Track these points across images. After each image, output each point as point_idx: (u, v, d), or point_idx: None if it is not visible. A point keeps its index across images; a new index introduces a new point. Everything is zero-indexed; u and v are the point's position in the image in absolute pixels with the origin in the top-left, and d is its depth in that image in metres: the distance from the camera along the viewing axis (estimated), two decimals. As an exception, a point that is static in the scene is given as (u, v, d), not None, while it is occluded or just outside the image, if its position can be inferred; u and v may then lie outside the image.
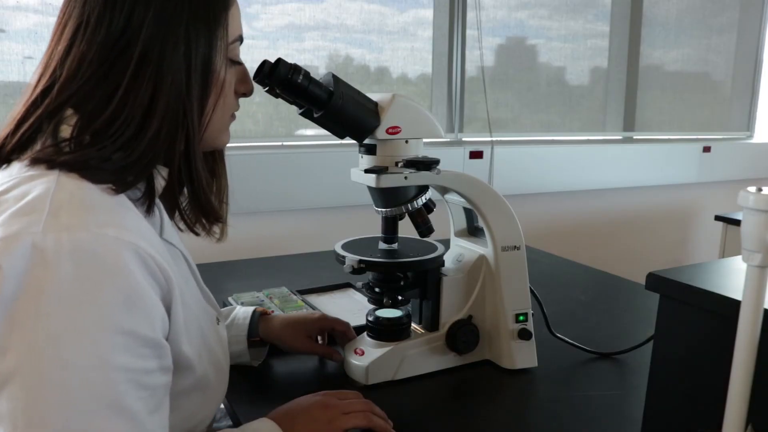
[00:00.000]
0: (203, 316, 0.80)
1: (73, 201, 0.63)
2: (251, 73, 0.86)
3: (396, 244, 1.07)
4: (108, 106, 0.68)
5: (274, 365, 1.10)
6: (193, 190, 0.76)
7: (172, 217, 0.81)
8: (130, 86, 0.68)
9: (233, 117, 0.83)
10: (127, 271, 0.61)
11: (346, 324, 1.12)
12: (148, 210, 0.72)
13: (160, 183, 0.74)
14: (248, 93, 0.83)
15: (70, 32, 0.69)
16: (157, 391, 0.65)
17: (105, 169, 0.67)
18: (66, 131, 0.68)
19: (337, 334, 1.11)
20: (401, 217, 1.05)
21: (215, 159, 0.89)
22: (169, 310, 0.67)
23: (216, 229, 0.87)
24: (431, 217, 1.06)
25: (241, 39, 0.78)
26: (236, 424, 0.93)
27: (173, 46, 0.69)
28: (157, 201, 0.75)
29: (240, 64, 0.80)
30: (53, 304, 0.57)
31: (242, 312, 1.10)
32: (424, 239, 1.12)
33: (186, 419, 0.76)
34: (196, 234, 0.82)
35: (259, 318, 1.09)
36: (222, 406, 1.21)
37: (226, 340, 0.91)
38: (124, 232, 0.62)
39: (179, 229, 0.82)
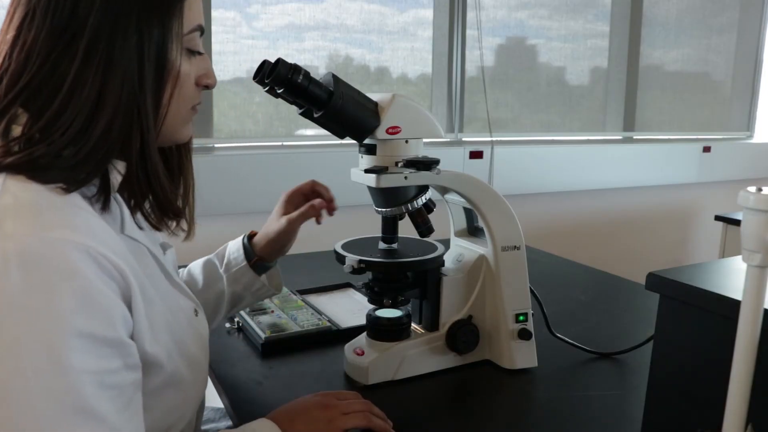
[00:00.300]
0: (174, 311, 0.78)
1: (18, 206, 0.62)
2: (251, 74, 0.85)
3: (396, 244, 1.07)
4: (56, 100, 0.65)
5: (274, 365, 1.10)
6: (150, 185, 0.72)
7: (134, 213, 0.77)
8: (78, 78, 0.65)
9: (195, 110, 0.79)
10: (79, 273, 0.59)
11: (313, 182, 1.08)
12: (104, 207, 0.70)
13: (116, 178, 0.71)
14: (211, 85, 0.79)
15: (17, 21, 0.67)
16: (125, 390, 0.64)
17: (54, 168, 0.65)
18: (17, 130, 0.66)
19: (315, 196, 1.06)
20: (401, 217, 1.05)
21: (180, 154, 0.85)
22: (129, 307, 0.66)
23: (183, 226, 0.85)
24: (431, 217, 1.06)
25: (201, 29, 0.75)
26: (236, 424, 0.93)
27: (123, 35, 0.66)
28: (117, 196, 0.73)
29: (200, 54, 0.77)
30: (5, 314, 0.57)
31: (233, 247, 1.07)
32: (424, 239, 1.12)
33: (162, 417, 0.75)
34: (158, 230, 0.80)
35: (249, 242, 1.07)
36: (222, 405, 1.22)
37: (206, 333, 0.89)
38: (73, 234, 0.61)
39: (139, 227, 0.78)
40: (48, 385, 0.57)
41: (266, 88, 0.93)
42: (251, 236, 1.08)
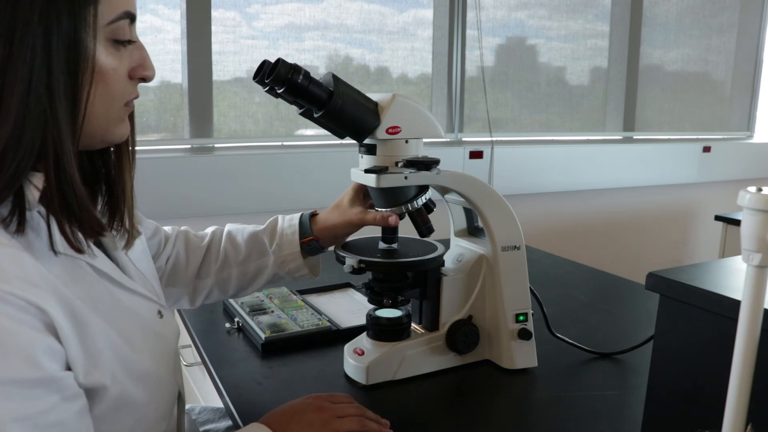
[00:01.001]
0: (123, 326, 0.71)
1: None
2: (251, 74, 0.81)
3: (396, 244, 1.07)
4: None
5: (274, 365, 1.10)
6: (65, 201, 0.63)
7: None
8: None
9: (129, 105, 0.71)
10: None
11: None
12: (18, 229, 0.61)
13: (33, 194, 0.63)
14: (147, 77, 0.71)
15: None
16: (68, 423, 0.60)
17: None
18: None
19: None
20: (401, 217, 1.05)
21: (118, 155, 0.76)
22: (57, 338, 0.61)
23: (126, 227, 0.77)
24: (431, 216, 1.06)
25: (130, 16, 0.67)
26: (236, 424, 0.93)
27: (23, 27, 0.58)
28: (42, 210, 0.65)
29: (131, 43, 0.68)
30: None
31: (287, 229, 1.04)
32: (424, 239, 1.12)
33: None
34: (80, 252, 0.66)
35: (310, 220, 1.05)
36: (222, 405, 1.22)
37: (173, 334, 0.84)
38: None
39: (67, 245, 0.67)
40: None
41: (266, 88, 0.93)
42: (312, 215, 1.06)
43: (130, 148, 0.77)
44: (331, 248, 1.08)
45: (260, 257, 1.04)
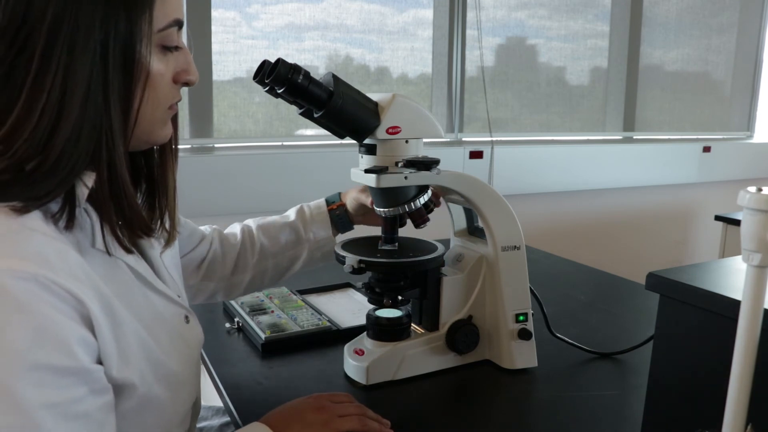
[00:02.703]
0: (154, 327, 0.74)
1: None
2: (251, 74, 0.82)
3: (396, 244, 1.07)
4: (14, 109, 0.59)
5: (274, 365, 1.10)
6: (116, 201, 0.66)
7: (102, 231, 0.69)
8: (37, 82, 0.59)
9: (173, 108, 0.74)
10: (29, 304, 0.56)
11: None
12: (67, 225, 0.64)
13: (82, 191, 0.65)
14: (191, 82, 0.73)
15: None
16: (94, 416, 0.62)
17: (16, 184, 0.60)
18: None
19: None
20: (402, 217, 1.05)
21: (162, 155, 0.79)
22: (92, 331, 0.62)
23: (166, 227, 0.79)
24: (431, 216, 1.06)
25: (179, 23, 0.69)
26: (236, 424, 0.93)
27: (85, 35, 0.60)
28: (88, 207, 0.67)
29: (178, 49, 0.71)
30: None
31: (318, 215, 1.11)
32: (424, 240, 1.12)
33: None
34: (129, 251, 0.70)
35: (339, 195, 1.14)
36: (215, 404, 1.22)
37: (198, 340, 0.86)
38: (20, 262, 0.57)
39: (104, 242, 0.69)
40: (5, 424, 0.55)
41: (266, 88, 0.93)
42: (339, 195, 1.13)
43: (174, 147, 0.79)
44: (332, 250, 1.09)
45: (295, 246, 1.10)
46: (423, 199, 1.03)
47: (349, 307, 1.35)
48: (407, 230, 1.08)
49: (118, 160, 0.65)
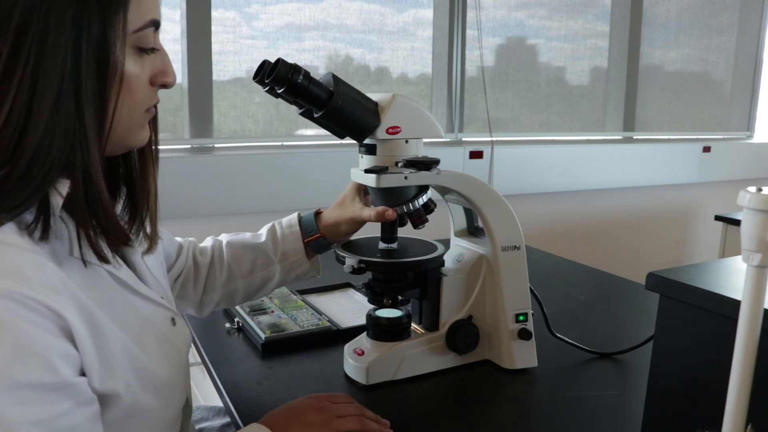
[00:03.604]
0: (139, 333, 0.72)
1: None
2: (251, 74, 0.81)
3: (396, 244, 1.07)
4: None
5: (274, 365, 1.10)
6: (92, 209, 0.64)
7: (78, 240, 0.66)
8: (3, 85, 0.57)
9: (150, 111, 0.72)
10: (6, 322, 0.55)
11: None
12: (42, 236, 0.61)
13: (57, 200, 0.62)
14: (169, 84, 0.71)
15: None
16: (80, 428, 0.61)
17: None
18: None
19: None
20: (401, 217, 1.05)
21: (142, 159, 0.76)
22: (74, 343, 0.61)
23: (147, 231, 0.77)
24: (431, 216, 1.06)
25: (155, 24, 0.67)
26: (236, 424, 0.93)
27: (55, 35, 0.57)
28: (64, 216, 0.65)
29: (155, 51, 0.68)
30: None
31: (289, 236, 1.04)
32: (424, 240, 1.12)
33: None
34: (106, 262, 0.68)
35: (315, 218, 1.06)
36: (215, 404, 1.22)
37: (186, 341, 0.85)
38: None
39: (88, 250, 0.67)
40: None
41: (266, 88, 0.93)
42: (316, 213, 1.07)
43: (154, 149, 0.77)
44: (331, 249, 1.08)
45: (265, 267, 1.05)
46: (423, 199, 1.03)
47: (349, 307, 1.35)
48: (407, 230, 1.08)
49: (93, 166, 0.62)
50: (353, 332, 1.15)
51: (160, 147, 0.79)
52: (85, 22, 0.59)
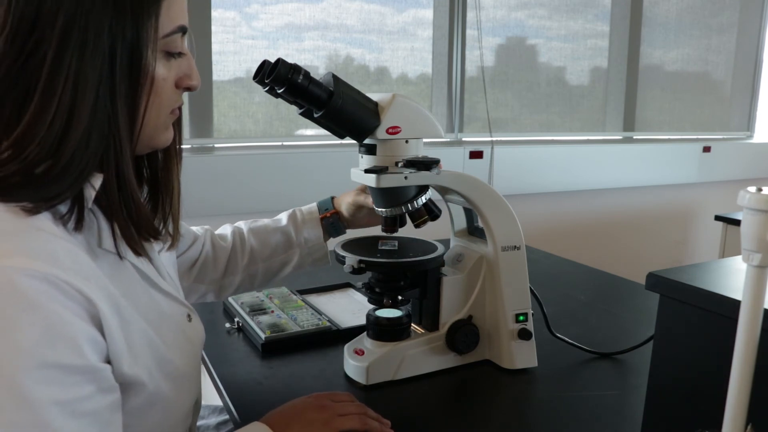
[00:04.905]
0: (159, 325, 0.75)
1: None
2: (251, 74, 0.82)
3: (396, 243, 1.07)
4: (26, 112, 0.60)
5: (274, 365, 1.10)
6: (123, 203, 0.67)
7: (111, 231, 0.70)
8: (48, 87, 0.60)
9: (175, 113, 0.75)
10: (39, 303, 0.57)
11: None
12: (76, 226, 0.65)
13: (90, 193, 0.66)
14: (193, 87, 0.75)
15: None
16: (101, 414, 0.62)
17: (26, 186, 0.61)
18: None
19: None
20: (402, 217, 1.05)
21: (166, 159, 0.80)
22: (101, 330, 0.63)
23: (169, 230, 0.80)
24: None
25: (183, 30, 0.70)
26: (236, 424, 0.93)
27: (95, 40, 0.61)
28: (94, 208, 0.68)
29: (182, 55, 0.72)
30: None
31: (310, 222, 1.11)
32: (424, 240, 1.12)
33: None
34: (138, 254, 0.71)
35: (331, 200, 1.14)
36: (214, 403, 1.22)
37: (200, 337, 0.87)
38: (30, 261, 0.57)
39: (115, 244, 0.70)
40: (16, 420, 0.55)
41: (266, 88, 0.93)
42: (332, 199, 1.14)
43: (178, 148, 0.80)
44: (332, 248, 1.09)
45: (286, 251, 1.11)
46: (423, 199, 1.03)
47: (349, 307, 1.35)
48: (407, 230, 1.08)
49: (125, 163, 0.66)
50: (353, 332, 1.16)
51: None
52: (120, 28, 0.63)
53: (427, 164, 0.97)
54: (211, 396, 1.18)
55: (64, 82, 0.60)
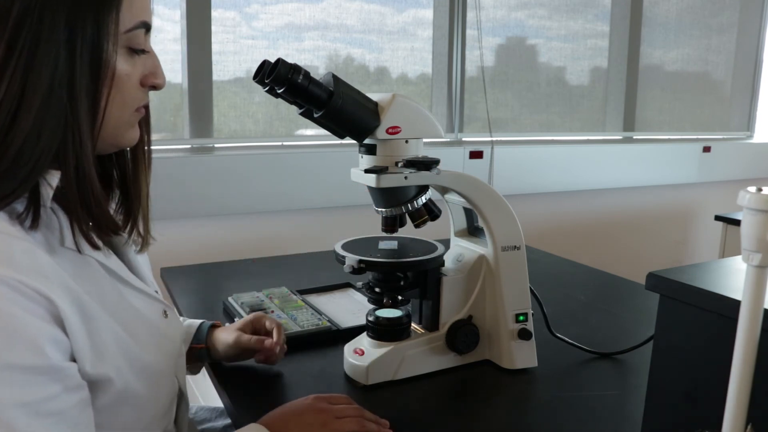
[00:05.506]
0: (130, 322, 0.74)
1: None
2: (251, 74, 0.82)
3: (396, 243, 1.07)
4: None
5: (274, 365, 1.10)
6: (83, 200, 0.66)
7: (72, 229, 0.69)
8: None
9: (140, 111, 0.74)
10: None
11: (275, 322, 1.07)
12: (32, 225, 0.64)
13: (47, 191, 0.65)
14: (158, 86, 0.74)
15: None
16: (68, 413, 0.62)
17: None
18: None
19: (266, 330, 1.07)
20: (402, 217, 1.05)
21: (134, 160, 0.79)
22: (64, 329, 0.63)
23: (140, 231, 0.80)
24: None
25: (146, 26, 0.70)
26: (235, 424, 0.93)
27: (50, 29, 0.61)
28: (55, 207, 0.68)
29: (146, 52, 0.72)
30: None
31: (187, 327, 1.08)
32: (424, 240, 1.12)
33: None
34: (96, 248, 0.70)
35: (209, 329, 1.08)
36: (218, 405, 1.22)
37: (178, 333, 0.87)
38: None
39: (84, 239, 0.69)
40: None
41: (266, 88, 0.93)
42: (214, 326, 1.10)
43: (146, 150, 0.80)
44: (332, 248, 1.08)
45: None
46: (423, 199, 1.03)
47: (349, 307, 1.35)
48: (407, 230, 1.08)
49: (86, 158, 0.65)
50: (353, 332, 1.15)
51: (160, 147, 0.81)
52: (79, 20, 0.62)
53: (427, 164, 0.97)
54: (211, 396, 1.18)
55: (13, 72, 0.60)
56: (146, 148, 0.80)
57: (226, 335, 1.05)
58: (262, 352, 1.03)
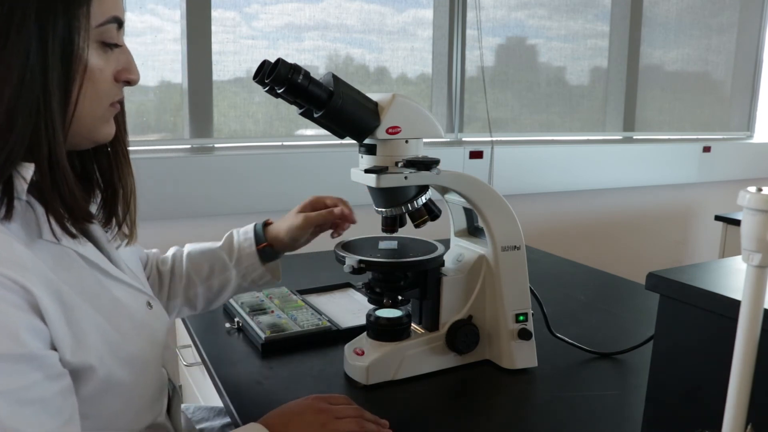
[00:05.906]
0: (111, 312, 0.74)
1: None
2: (251, 74, 0.83)
3: (396, 243, 1.07)
4: None
5: (274, 365, 1.10)
6: (58, 191, 0.67)
7: (48, 220, 0.69)
8: None
9: (115, 106, 0.75)
10: None
11: (338, 200, 1.10)
12: (6, 216, 0.64)
13: (21, 184, 0.66)
14: (132, 81, 0.74)
15: None
16: (50, 401, 0.62)
17: None
18: None
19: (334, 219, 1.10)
20: (402, 217, 1.05)
21: (115, 158, 0.80)
22: (42, 318, 0.63)
23: (125, 230, 0.81)
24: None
25: (118, 21, 0.70)
26: (235, 424, 0.93)
27: (20, 23, 0.61)
28: (31, 200, 0.68)
29: (118, 47, 0.72)
30: None
31: (244, 242, 1.08)
32: (424, 239, 1.12)
33: (107, 424, 0.72)
34: (74, 237, 0.71)
35: (264, 229, 1.10)
36: (215, 404, 1.22)
37: (163, 325, 0.87)
38: None
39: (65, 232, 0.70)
40: None
41: (266, 88, 0.93)
42: (266, 224, 1.11)
43: (123, 149, 0.81)
44: (332, 248, 1.08)
45: (222, 272, 1.08)
46: (423, 199, 1.03)
47: (349, 307, 1.35)
48: (407, 230, 1.08)
49: (59, 149, 0.66)
50: (353, 332, 1.15)
51: (160, 147, 0.82)
52: (50, 14, 0.63)
53: (427, 164, 0.97)
54: (211, 396, 1.18)
55: None
56: (124, 147, 0.81)
57: (290, 221, 1.07)
58: (334, 223, 1.07)
